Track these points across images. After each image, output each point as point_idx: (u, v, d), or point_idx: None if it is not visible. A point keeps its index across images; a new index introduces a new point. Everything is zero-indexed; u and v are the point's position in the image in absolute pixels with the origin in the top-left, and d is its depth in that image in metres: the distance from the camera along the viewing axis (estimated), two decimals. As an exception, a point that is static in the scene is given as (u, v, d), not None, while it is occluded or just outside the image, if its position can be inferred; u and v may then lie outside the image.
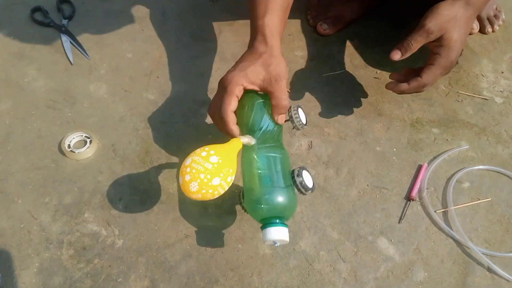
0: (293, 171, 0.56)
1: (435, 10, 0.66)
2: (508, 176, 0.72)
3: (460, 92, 0.85)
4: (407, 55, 0.68)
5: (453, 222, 0.66)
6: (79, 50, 0.85)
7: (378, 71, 0.87)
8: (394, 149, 0.74)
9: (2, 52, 0.84)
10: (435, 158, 0.73)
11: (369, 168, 0.72)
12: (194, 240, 0.62)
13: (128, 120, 0.75)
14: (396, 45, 0.69)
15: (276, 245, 0.55)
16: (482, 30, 0.97)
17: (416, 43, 0.67)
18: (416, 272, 0.61)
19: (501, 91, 0.86)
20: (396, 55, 0.68)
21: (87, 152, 0.69)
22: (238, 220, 0.64)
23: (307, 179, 0.55)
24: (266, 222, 0.53)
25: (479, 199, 0.69)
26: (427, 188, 0.69)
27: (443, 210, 0.67)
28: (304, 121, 0.62)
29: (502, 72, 0.89)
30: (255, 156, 0.56)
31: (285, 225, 0.54)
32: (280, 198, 0.53)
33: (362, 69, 0.87)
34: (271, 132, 0.59)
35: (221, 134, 0.61)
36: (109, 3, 0.95)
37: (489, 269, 0.62)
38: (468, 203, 0.69)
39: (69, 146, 0.70)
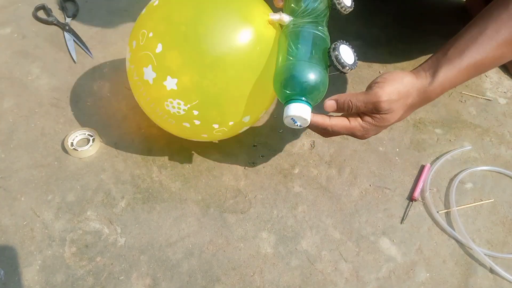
0: (330, 46, 0.52)
1: (398, 81, 0.54)
2: (511, 177, 0.72)
3: (463, 92, 0.84)
4: (340, 113, 0.56)
5: (455, 223, 0.66)
6: (82, 49, 0.85)
7: (381, 71, 0.86)
8: (397, 149, 0.74)
9: (5, 50, 0.84)
10: (437, 158, 0.73)
11: (371, 168, 0.72)
12: (196, 239, 0.62)
13: (131, 119, 0.75)
14: (337, 96, 0.55)
15: (297, 124, 0.51)
16: None
17: (357, 109, 0.54)
18: (418, 272, 0.61)
19: (504, 92, 0.85)
20: (330, 108, 0.55)
21: (90, 150, 0.69)
22: (240, 219, 0.64)
23: (346, 53, 0.51)
24: (289, 99, 0.50)
25: (482, 200, 0.69)
26: (430, 189, 0.69)
27: (446, 210, 0.67)
28: (348, 4, 0.56)
29: (506, 73, 0.89)
30: (288, 31, 0.54)
31: (309, 104, 0.50)
32: (306, 73, 0.50)
33: (365, 69, 0.87)
34: (313, 9, 0.55)
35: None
36: (112, 2, 0.96)
37: (492, 270, 0.62)
38: (470, 204, 0.68)
39: (72, 144, 0.70)
